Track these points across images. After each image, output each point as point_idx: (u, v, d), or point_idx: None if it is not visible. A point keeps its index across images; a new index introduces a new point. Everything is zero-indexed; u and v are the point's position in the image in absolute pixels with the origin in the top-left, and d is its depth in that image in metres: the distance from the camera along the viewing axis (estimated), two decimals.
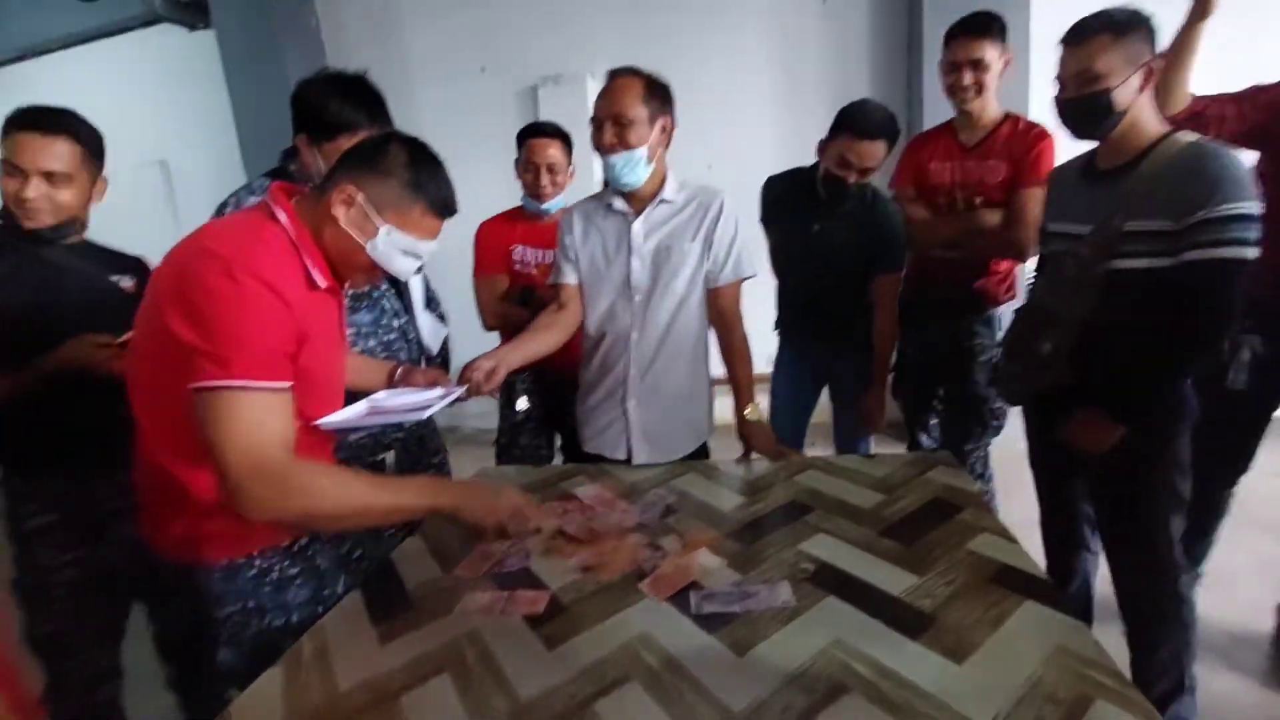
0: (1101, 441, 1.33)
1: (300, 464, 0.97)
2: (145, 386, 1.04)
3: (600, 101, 1.47)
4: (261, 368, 0.94)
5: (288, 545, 1.14)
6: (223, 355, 0.91)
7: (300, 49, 3.84)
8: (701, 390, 1.66)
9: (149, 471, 1.08)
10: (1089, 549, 1.67)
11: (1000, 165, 1.85)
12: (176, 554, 1.10)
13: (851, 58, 3.39)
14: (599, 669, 0.92)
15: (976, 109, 1.85)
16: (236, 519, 1.06)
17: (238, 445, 0.91)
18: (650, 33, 3.55)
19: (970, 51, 1.79)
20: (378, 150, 1.07)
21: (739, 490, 1.45)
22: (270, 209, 1.04)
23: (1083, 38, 1.25)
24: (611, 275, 1.57)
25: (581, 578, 1.15)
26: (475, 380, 1.39)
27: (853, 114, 1.72)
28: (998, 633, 0.91)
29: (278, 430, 0.96)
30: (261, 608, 1.11)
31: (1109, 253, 1.26)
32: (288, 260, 1.01)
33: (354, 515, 1.00)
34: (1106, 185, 1.32)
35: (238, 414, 0.92)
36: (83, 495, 1.45)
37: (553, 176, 2.00)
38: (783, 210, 1.95)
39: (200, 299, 0.92)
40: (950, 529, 1.20)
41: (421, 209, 1.08)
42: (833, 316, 1.96)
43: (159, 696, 1.74)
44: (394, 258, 1.08)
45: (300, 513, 0.96)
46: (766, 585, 1.07)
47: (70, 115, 1.43)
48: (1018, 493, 2.03)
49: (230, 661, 1.15)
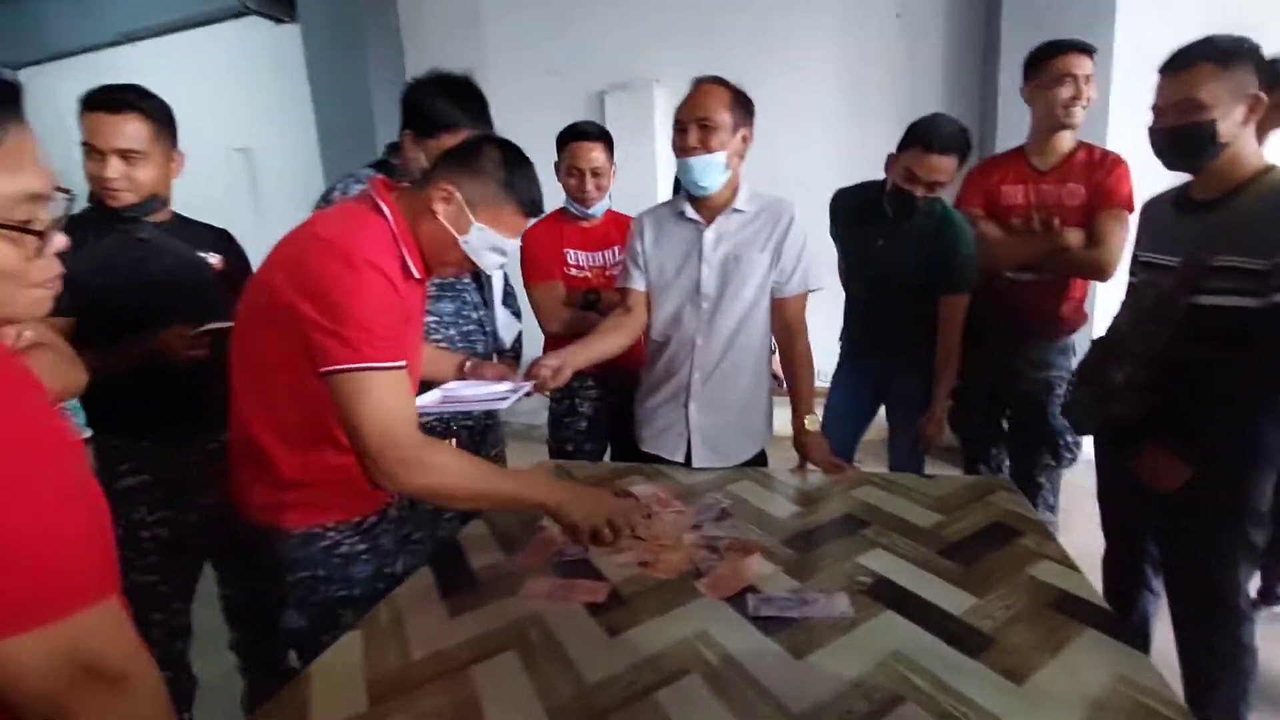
0: (1170, 480, 1.30)
1: (430, 442, 1.06)
2: (253, 363, 1.12)
3: (685, 105, 1.51)
4: (386, 349, 1.01)
5: (358, 521, 1.21)
6: (351, 339, 0.98)
7: (381, 46, 4.00)
8: (762, 398, 1.68)
9: (242, 440, 1.17)
10: (1151, 590, 1.62)
11: (1078, 189, 1.82)
12: (259, 518, 1.18)
13: (924, 73, 3.35)
14: (659, 660, 0.95)
15: (1076, 121, 1.82)
16: (314, 492, 1.15)
17: (373, 423, 1.00)
18: (720, 42, 3.57)
19: (1082, 66, 1.77)
20: (474, 151, 1.14)
21: (794, 499, 1.47)
22: (374, 201, 1.12)
23: (1186, 65, 1.23)
24: (681, 281, 1.61)
25: (639, 572, 1.18)
26: (542, 377, 1.44)
27: (923, 127, 1.71)
28: (1058, 658, 0.91)
29: (406, 408, 1.05)
30: (329, 577, 1.19)
31: (1193, 286, 1.24)
32: (389, 250, 1.08)
33: (474, 497, 1.10)
34: (1198, 217, 1.29)
35: (371, 393, 1.00)
36: (170, 461, 1.54)
37: (597, 180, 1.97)
38: (850, 223, 1.94)
39: (320, 283, 1.00)
40: (1011, 553, 1.19)
41: (512, 208, 1.15)
42: (894, 333, 1.94)
43: (221, 657, 1.85)
44: (483, 253, 1.16)
45: (429, 488, 1.05)
46: (824, 595, 1.09)
47: (137, 91, 1.45)
48: (1079, 524, 2.00)
49: (294, 623, 1.23)
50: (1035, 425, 1.93)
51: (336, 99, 4.00)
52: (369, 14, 3.92)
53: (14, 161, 0.54)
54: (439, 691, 0.91)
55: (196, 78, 4.66)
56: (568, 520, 1.12)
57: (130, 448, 1.52)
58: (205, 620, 1.78)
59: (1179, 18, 2.85)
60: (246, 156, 4.71)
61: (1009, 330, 1.94)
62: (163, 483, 1.54)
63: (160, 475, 1.54)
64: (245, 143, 4.69)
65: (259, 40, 4.52)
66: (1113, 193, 1.78)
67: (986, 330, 1.97)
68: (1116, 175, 1.79)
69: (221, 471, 1.58)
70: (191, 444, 1.56)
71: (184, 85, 4.79)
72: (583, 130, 1.99)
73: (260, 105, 4.63)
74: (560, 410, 2.10)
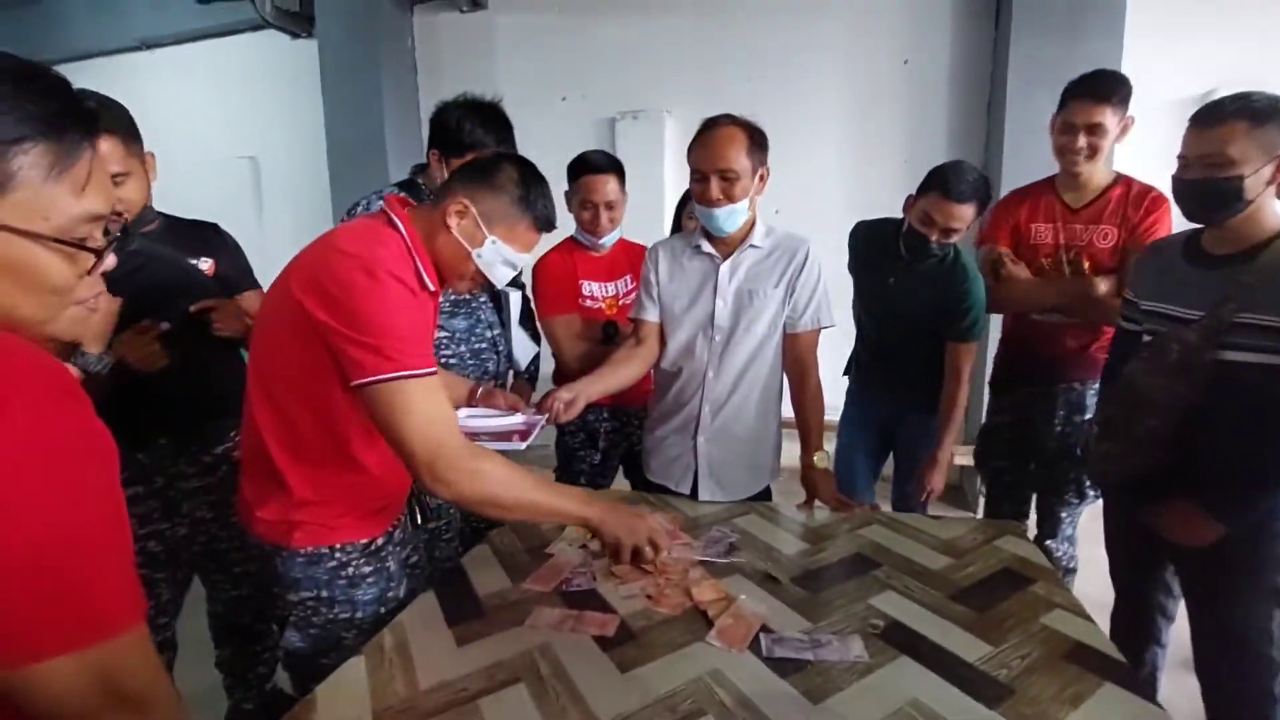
0: (1199, 537, 1.30)
1: (478, 448, 1.06)
2: (271, 376, 1.11)
3: (702, 152, 1.49)
4: (419, 357, 1.01)
5: (365, 543, 1.19)
6: (385, 348, 0.98)
7: (395, 67, 4.04)
8: (770, 434, 1.67)
9: (254, 455, 1.15)
10: (1159, 643, 1.62)
11: (1111, 230, 1.76)
12: (265, 535, 1.16)
13: (930, 118, 3.42)
14: (672, 700, 0.93)
15: (1085, 173, 1.77)
16: (324, 512, 1.13)
17: (423, 430, 1.00)
18: (730, 77, 3.63)
19: (1089, 115, 1.70)
20: (492, 167, 1.16)
21: (801, 536, 1.46)
22: (388, 216, 1.13)
23: (1218, 121, 1.23)
24: (694, 314, 1.61)
25: (647, 606, 1.17)
26: (555, 410, 1.44)
27: (945, 173, 1.68)
28: (1077, 712, 0.91)
29: (449, 413, 1.05)
30: (333, 599, 1.16)
31: (1216, 342, 1.25)
32: (405, 261, 1.08)
33: (521, 508, 1.09)
34: (1215, 272, 1.30)
35: (414, 401, 1.00)
36: (165, 473, 1.51)
37: (611, 213, 1.93)
38: (865, 257, 1.94)
39: (346, 296, 0.99)
40: (1023, 600, 1.19)
41: (527, 224, 1.17)
42: (902, 370, 1.94)
43: (206, 670, 1.82)
44: (496, 266, 1.17)
45: (484, 495, 1.04)
46: (838, 637, 1.07)
47: (96, 100, 1.35)
48: (1083, 572, 1.99)
49: (294, 644, 1.21)
50: (1066, 467, 1.87)
51: (348, 115, 4.02)
52: (385, 34, 3.97)
53: (84, 182, 0.55)
54: None
55: (209, 86, 4.68)
56: (610, 536, 1.13)
57: (125, 458, 1.49)
58: (193, 632, 1.75)
59: (1188, 65, 2.95)
60: (253, 164, 4.72)
61: (1042, 374, 1.90)
62: (155, 495, 1.51)
63: (153, 488, 1.50)
64: (253, 151, 4.70)
65: (274, 53, 4.55)
66: (1148, 236, 1.70)
67: (1017, 373, 1.94)
68: (1153, 219, 1.72)
69: (214, 485, 1.56)
70: (187, 456, 1.53)
71: (196, 92, 4.89)
72: (595, 164, 1.92)
73: (270, 116, 4.64)
74: (573, 443, 2.06)
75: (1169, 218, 1.71)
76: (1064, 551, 1.93)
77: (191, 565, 1.62)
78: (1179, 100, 2.77)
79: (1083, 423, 1.84)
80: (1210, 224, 1.33)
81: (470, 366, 1.74)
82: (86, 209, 0.56)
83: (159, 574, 1.51)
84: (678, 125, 3.73)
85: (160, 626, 1.55)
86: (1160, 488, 1.36)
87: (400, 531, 1.31)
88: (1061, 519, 1.92)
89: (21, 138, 0.51)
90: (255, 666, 1.83)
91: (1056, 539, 1.92)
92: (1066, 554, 1.94)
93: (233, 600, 1.76)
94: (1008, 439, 1.99)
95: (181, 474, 1.52)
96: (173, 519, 1.53)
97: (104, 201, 0.58)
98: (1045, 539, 1.93)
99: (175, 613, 1.60)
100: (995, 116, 3.21)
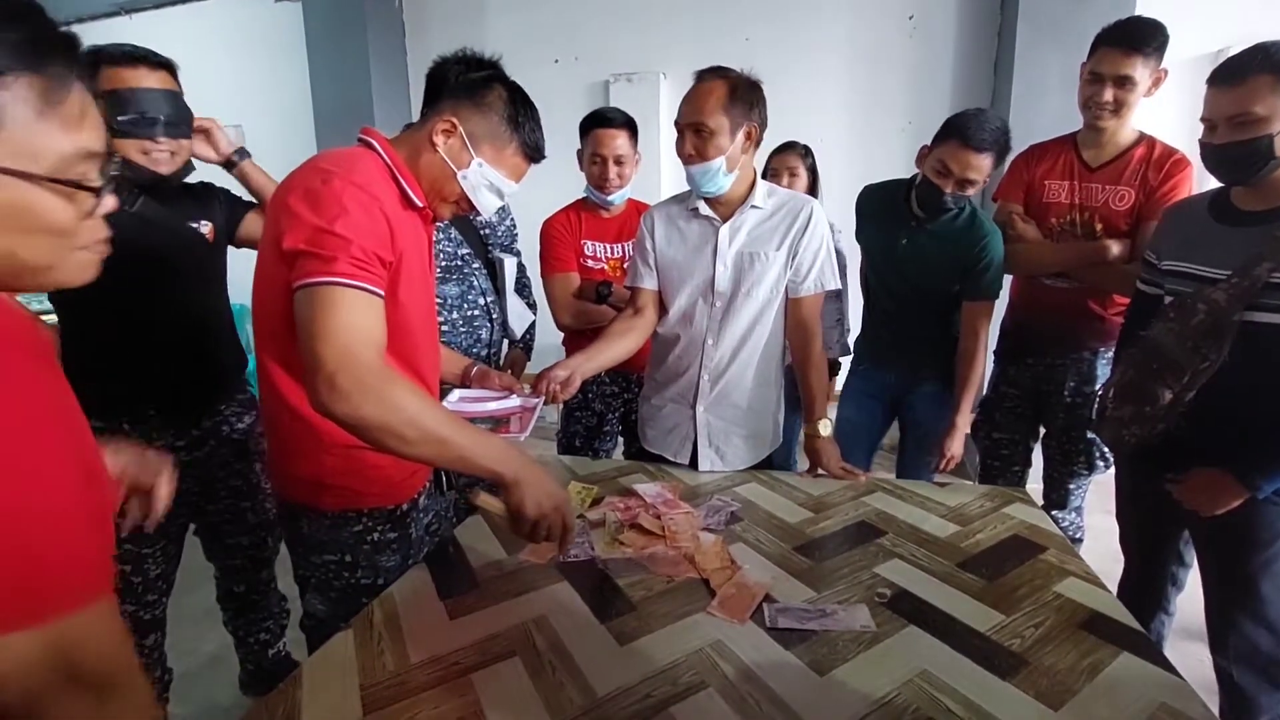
0: (1221, 505, 1.25)
1: (390, 371, 0.94)
2: (271, 316, 1.05)
3: (683, 107, 1.43)
4: (361, 269, 0.94)
5: (392, 509, 1.17)
6: (326, 254, 0.92)
7: (382, 30, 3.91)
8: (771, 402, 1.62)
9: (277, 410, 1.09)
10: (1167, 612, 1.59)
11: (1129, 192, 1.67)
12: (294, 494, 1.13)
13: (935, 77, 3.32)
14: (673, 672, 0.90)
15: (1110, 128, 1.66)
16: (353, 478, 1.10)
17: (335, 336, 0.89)
18: (727, 38, 3.52)
19: (1118, 66, 1.58)
20: (481, 86, 1.09)
21: (804, 504, 1.42)
22: (366, 141, 1.08)
23: (1240, 78, 1.16)
24: (694, 279, 1.55)
25: (647, 576, 1.13)
26: (551, 391, 1.39)
27: (964, 120, 1.56)
28: (1095, 682, 0.87)
29: (373, 330, 0.94)
30: (356, 563, 1.15)
31: (1247, 303, 1.19)
32: (383, 180, 1.03)
33: (429, 443, 0.93)
34: (1246, 229, 1.23)
35: (334, 309, 0.90)
36: (152, 446, 1.45)
37: (620, 168, 1.90)
38: (874, 221, 1.86)
39: (300, 203, 0.95)
40: (1035, 568, 1.15)
41: (515, 148, 1.11)
42: (913, 338, 1.86)
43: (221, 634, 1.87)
44: (481, 191, 1.11)
45: (379, 421, 0.90)
46: (844, 606, 1.04)
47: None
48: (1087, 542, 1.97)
49: (314, 606, 1.20)
50: (1076, 437, 1.83)
51: (335, 81, 3.91)
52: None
53: (76, 118, 0.51)
54: (439, 699, 0.85)
55: (191, 52, 4.49)
56: (516, 500, 0.98)
57: (105, 431, 1.45)
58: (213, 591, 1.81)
59: (1202, 20, 2.85)
60: (238, 133, 4.59)
61: (1052, 341, 1.82)
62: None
63: None
64: (238, 119, 4.57)
65: (258, 18, 4.41)
66: (1162, 202, 1.61)
67: (1026, 341, 1.87)
68: (1175, 182, 1.63)
69: (201, 459, 1.52)
70: (175, 430, 1.49)
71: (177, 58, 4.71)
72: (607, 117, 1.91)
73: (255, 82, 4.52)
74: (571, 403, 2.04)
75: (1189, 182, 1.64)
76: (1070, 522, 1.90)
77: (182, 540, 1.58)
78: (1194, 58, 2.67)
79: (1092, 393, 1.78)
80: (1244, 184, 1.26)
81: (463, 334, 1.69)
82: (81, 146, 0.52)
83: (145, 549, 1.47)
84: (673, 87, 3.63)
85: (149, 604, 1.51)
86: (1181, 454, 1.31)
87: (424, 498, 1.28)
88: (1071, 490, 1.88)
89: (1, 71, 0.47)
90: (257, 633, 1.83)
91: (1065, 509, 1.88)
92: (1073, 524, 1.91)
93: (227, 569, 1.76)
94: (1010, 411, 1.93)
95: (169, 447, 1.47)
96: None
97: (98, 138, 0.53)
98: (1053, 509, 1.88)
99: (166, 589, 1.56)
100: (1002, 75, 3.11)
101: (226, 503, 1.63)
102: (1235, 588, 1.33)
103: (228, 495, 1.62)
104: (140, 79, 1.34)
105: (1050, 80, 2.83)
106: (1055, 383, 1.84)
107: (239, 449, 1.61)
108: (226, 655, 1.90)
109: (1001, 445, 1.96)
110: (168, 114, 1.37)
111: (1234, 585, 1.33)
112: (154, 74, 1.37)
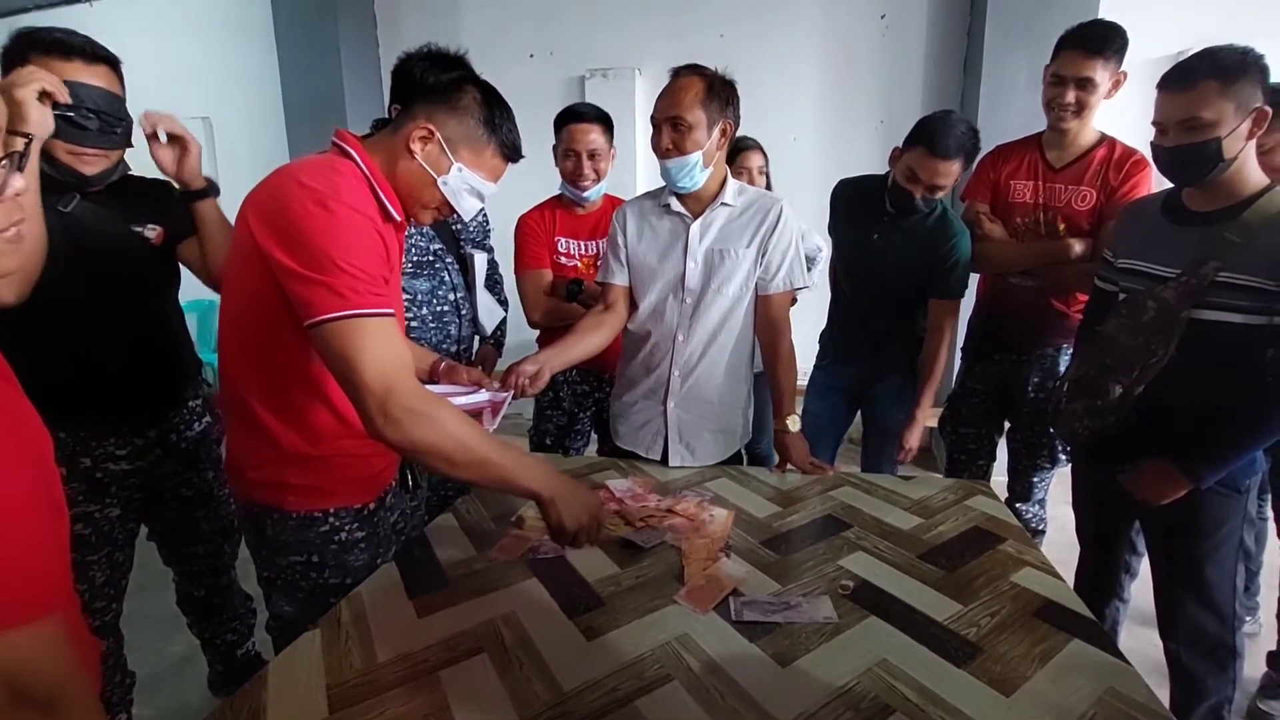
0: (1168, 495, 1.30)
1: (430, 394, 0.99)
2: (239, 319, 1.05)
3: (660, 102, 1.44)
4: (375, 295, 0.94)
5: (359, 508, 1.16)
6: (337, 285, 0.91)
7: (353, 21, 3.86)
8: (741, 398, 1.64)
9: (238, 412, 1.09)
10: (1122, 599, 1.65)
11: (1090, 192, 1.71)
12: (256, 495, 1.12)
13: (907, 76, 3.36)
14: (639, 666, 0.91)
15: (1073, 130, 1.71)
16: (319, 476, 1.10)
17: (375, 368, 0.92)
18: (703, 35, 3.53)
19: (1079, 69, 1.62)
20: (453, 89, 1.08)
21: (772, 499, 1.45)
22: (340, 147, 1.06)
23: (1189, 83, 1.19)
24: (664, 275, 1.56)
25: (617, 573, 1.14)
26: (520, 385, 1.39)
27: (931, 127, 1.60)
28: (1046, 668, 0.90)
29: (405, 355, 0.97)
30: (323, 563, 1.14)
31: (1194, 300, 1.23)
32: (364, 192, 1.02)
33: (473, 464, 0.98)
34: (1196, 229, 1.27)
35: (364, 341, 0.92)
36: (90, 454, 1.40)
37: (594, 163, 1.89)
38: (847, 216, 1.88)
39: (298, 229, 0.93)
40: (993, 559, 1.19)
41: (493, 150, 1.10)
42: (878, 333, 1.91)
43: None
44: (462, 195, 1.10)
45: (432, 445, 0.95)
46: (807, 599, 1.06)
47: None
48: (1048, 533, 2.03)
49: (281, 609, 1.18)
50: (1040, 431, 1.87)
51: (305, 74, 3.83)
52: None
53: None
54: (406, 696, 0.85)
55: (157, 41, 4.43)
56: (555, 518, 1.04)
57: None
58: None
59: (1165, 22, 2.92)
60: (205, 125, 4.50)
61: (1017, 338, 1.86)
62: (81, 477, 1.39)
63: (79, 469, 1.38)
64: (206, 111, 4.48)
65: (224, 7, 4.32)
66: (1124, 201, 1.64)
67: (993, 338, 1.91)
68: (1134, 182, 1.67)
69: (146, 469, 1.47)
70: (117, 438, 1.42)
71: (143, 48, 4.59)
72: (580, 112, 1.90)
73: (223, 74, 4.42)
74: (543, 401, 2.04)
75: (1149, 182, 1.68)
76: (1033, 514, 1.95)
77: (130, 546, 1.53)
78: (1156, 59, 2.74)
79: (1056, 388, 1.83)
80: (1194, 185, 1.29)
81: (432, 330, 1.68)
82: None
83: (90, 556, 1.42)
84: (648, 83, 3.63)
85: (98, 610, 1.46)
86: (1131, 447, 1.36)
87: (391, 496, 1.27)
88: (1034, 483, 1.93)
89: None
90: (223, 634, 1.80)
91: (1029, 501, 1.94)
92: (1036, 516, 1.96)
93: (185, 574, 1.72)
94: (976, 406, 1.97)
95: (110, 455, 1.41)
96: (102, 501, 1.42)
97: None
98: (1017, 501, 1.94)
99: (116, 595, 1.50)
100: (971, 75, 3.16)
101: (177, 512, 1.58)
102: (1182, 574, 1.38)
103: (178, 505, 1.57)
104: (74, 72, 1.18)
105: (1018, 80, 2.89)
106: (1020, 378, 1.88)
107: (188, 458, 1.55)
108: (195, 656, 1.88)
109: (967, 439, 2.00)
110: (103, 119, 1.23)
111: (1181, 572, 1.38)
112: (91, 68, 1.22)
